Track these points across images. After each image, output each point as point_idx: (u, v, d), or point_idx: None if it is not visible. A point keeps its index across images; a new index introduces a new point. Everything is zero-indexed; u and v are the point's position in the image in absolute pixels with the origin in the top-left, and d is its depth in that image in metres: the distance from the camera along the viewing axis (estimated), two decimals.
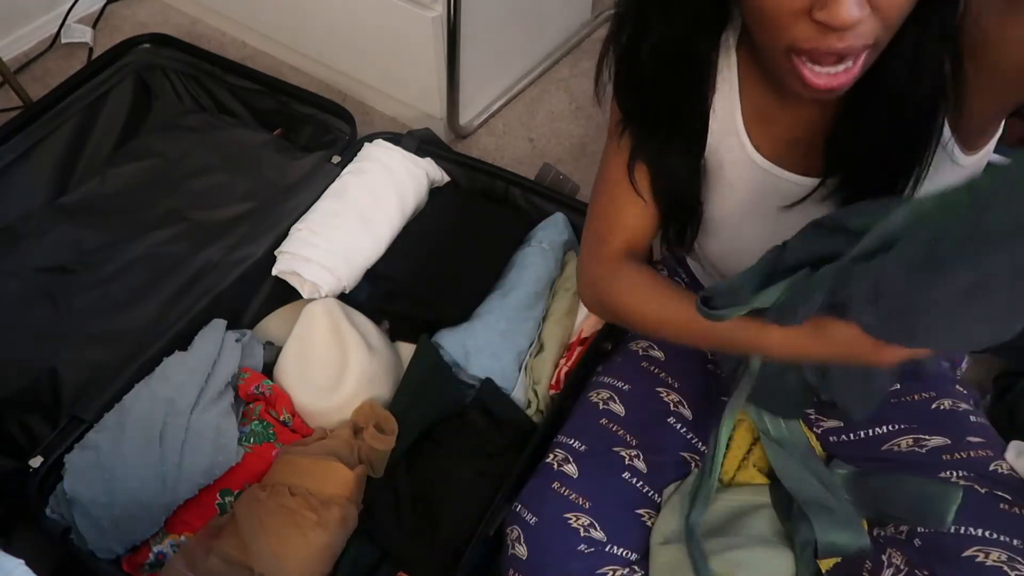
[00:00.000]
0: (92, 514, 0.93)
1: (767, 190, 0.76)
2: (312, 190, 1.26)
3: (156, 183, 1.37)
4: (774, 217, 0.77)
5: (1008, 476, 0.78)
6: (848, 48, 0.57)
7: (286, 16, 1.71)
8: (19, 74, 1.76)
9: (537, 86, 1.80)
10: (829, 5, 0.54)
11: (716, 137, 0.75)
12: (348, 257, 1.19)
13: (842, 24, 0.54)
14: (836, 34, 0.56)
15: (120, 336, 1.15)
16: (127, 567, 0.97)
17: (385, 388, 1.10)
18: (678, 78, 0.70)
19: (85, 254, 1.26)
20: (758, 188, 0.76)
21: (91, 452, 0.97)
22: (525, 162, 1.65)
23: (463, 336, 1.12)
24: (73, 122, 1.42)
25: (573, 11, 1.87)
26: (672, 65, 0.68)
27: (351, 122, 1.39)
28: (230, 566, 0.92)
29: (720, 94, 0.73)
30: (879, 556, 0.77)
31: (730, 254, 0.85)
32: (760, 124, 0.73)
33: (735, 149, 0.75)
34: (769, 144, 0.74)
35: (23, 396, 1.09)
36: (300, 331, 1.11)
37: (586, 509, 0.81)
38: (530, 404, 1.10)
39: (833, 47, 0.57)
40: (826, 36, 0.56)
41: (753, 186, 0.76)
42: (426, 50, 1.48)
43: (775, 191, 0.75)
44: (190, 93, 1.53)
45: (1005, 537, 0.72)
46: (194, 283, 1.21)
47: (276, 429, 1.05)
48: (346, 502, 0.96)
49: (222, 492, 1.00)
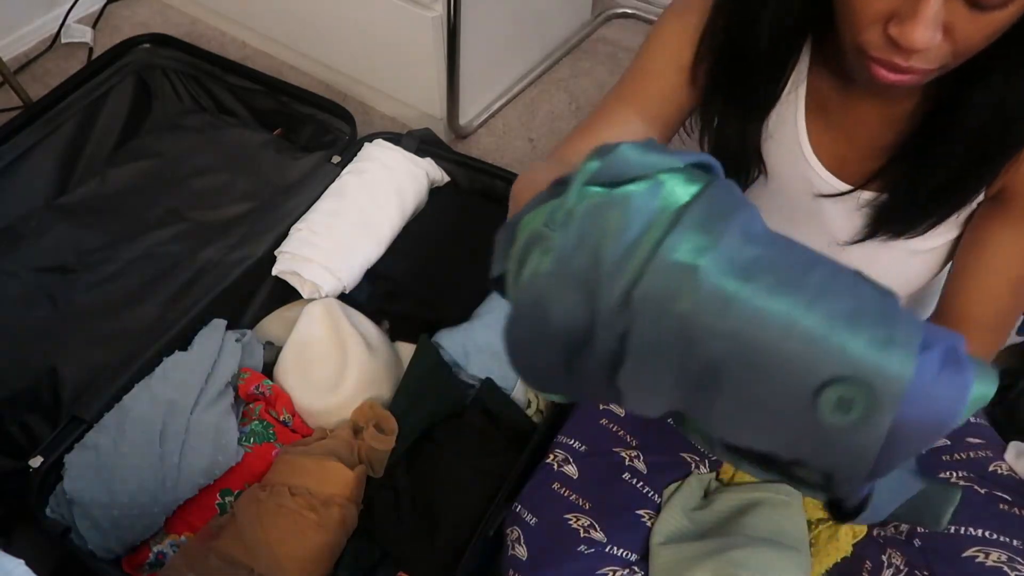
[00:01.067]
0: (92, 514, 0.93)
1: (799, 180, 0.75)
2: (312, 190, 1.26)
3: (156, 183, 1.37)
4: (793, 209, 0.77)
5: (1008, 477, 0.78)
6: (911, 68, 0.57)
7: (286, 16, 1.71)
8: (19, 74, 1.76)
9: (537, 86, 1.80)
10: (905, 22, 0.54)
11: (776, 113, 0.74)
12: (348, 257, 1.19)
13: (911, 46, 0.54)
14: (903, 52, 0.55)
15: (120, 336, 1.15)
16: (127, 567, 0.97)
17: (385, 388, 1.10)
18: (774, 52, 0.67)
19: (85, 254, 1.26)
20: (791, 175, 0.75)
21: (91, 452, 0.97)
22: (525, 162, 1.65)
23: (463, 336, 1.12)
24: (73, 122, 1.42)
25: (573, 11, 1.87)
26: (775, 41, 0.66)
27: (351, 122, 1.39)
28: (230, 566, 0.92)
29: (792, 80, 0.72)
30: (879, 556, 0.78)
31: None
32: (818, 116, 0.72)
33: (788, 133, 0.74)
34: (818, 139, 0.73)
35: (23, 396, 1.09)
36: (300, 331, 1.11)
37: (586, 510, 0.81)
38: (530, 404, 1.10)
39: (897, 64, 0.57)
40: (894, 50, 0.56)
41: (786, 171, 0.76)
42: (426, 50, 1.48)
43: (806, 183, 0.75)
44: (190, 93, 1.53)
45: (1005, 537, 0.72)
46: (194, 283, 1.21)
47: (276, 429, 1.05)
48: (346, 502, 0.97)
49: (222, 492, 1.00)
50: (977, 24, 0.53)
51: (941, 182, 0.67)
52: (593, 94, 1.78)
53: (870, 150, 0.71)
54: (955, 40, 0.54)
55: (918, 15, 0.52)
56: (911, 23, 0.53)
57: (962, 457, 0.80)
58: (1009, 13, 0.52)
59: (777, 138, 0.74)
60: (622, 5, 1.95)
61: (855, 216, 0.73)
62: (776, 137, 0.74)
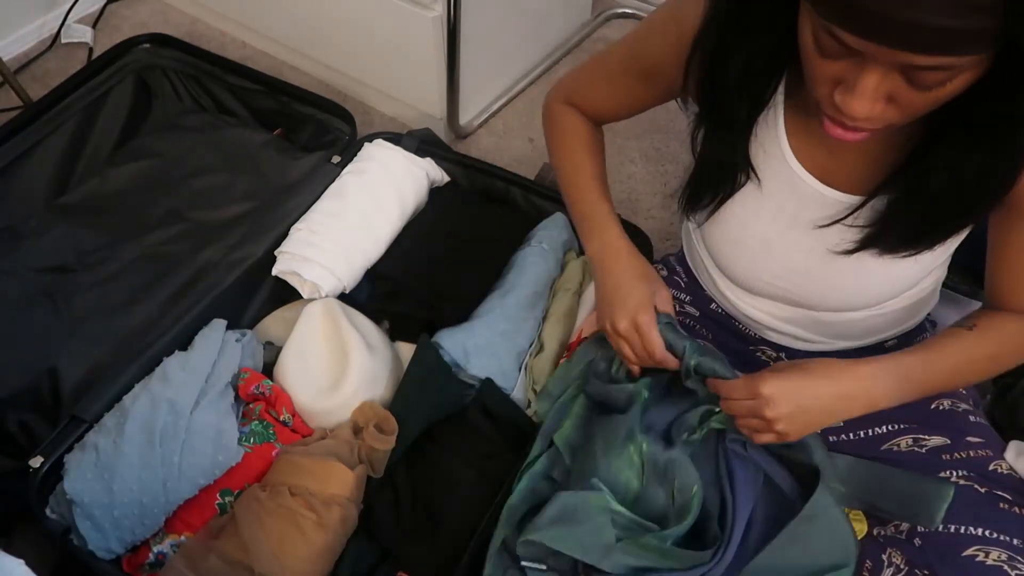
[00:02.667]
0: (92, 514, 0.93)
1: (785, 184, 0.76)
2: (312, 190, 1.26)
3: (156, 183, 1.37)
4: (784, 222, 0.77)
5: (1008, 476, 0.78)
6: (857, 129, 0.59)
7: (286, 16, 1.71)
8: (19, 74, 1.76)
9: (537, 86, 1.80)
10: (847, 94, 0.56)
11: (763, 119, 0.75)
12: (348, 257, 1.19)
13: (851, 115, 0.56)
14: (846, 117, 0.57)
15: (120, 336, 1.15)
16: (127, 567, 0.97)
17: (385, 388, 1.10)
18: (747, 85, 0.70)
19: (85, 254, 1.26)
20: (778, 180, 0.76)
21: (91, 452, 0.97)
22: (525, 162, 1.65)
23: (463, 336, 1.12)
24: (73, 122, 1.42)
25: (573, 11, 1.87)
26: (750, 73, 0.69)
27: (351, 122, 1.39)
28: (230, 566, 0.92)
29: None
30: (879, 555, 0.78)
31: (730, 244, 0.84)
32: (800, 124, 0.73)
33: (772, 139, 0.75)
34: (800, 145, 0.74)
35: (23, 396, 1.09)
36: (300, 331, 1.11)
37: None
38: (530, 404, 1.10)
39: (844, 124, 0.59)
40: (839, 112, 0.58)
41: (773, 176, 0.76)
42: (426, 50, 1.48)
43: (792, 188, 0.75)
44: (190, 93, 1.53)
45: (1005, 536, 0.72)
46: (194, 283, 1.21)
47: (276, 429, 1.05)
48: (346, 502, 0.96)
49: (222, 492, 1.00)
50: (920, 96, 0.54)
51: (930, 221, 0.68)
52: None
53: (853, 156, 0.72)
54: (899, 107, 0.56)
55: (857, 89, 0.54)
56: (851, 95, 0.55)
57: (962, 456, 0.80)
58: (950, 90, 0.53)
59: (763, 143, 0.75)
60: (622, 5, 1.95)
61: (846, 227, 0.73)
62: (762, 141, 0.75)
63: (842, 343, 0.90)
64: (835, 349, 0.91)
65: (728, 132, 0.74)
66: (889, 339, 0.92)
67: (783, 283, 0.81)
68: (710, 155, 0.77)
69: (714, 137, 0.75)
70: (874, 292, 0.78)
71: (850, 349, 0.91)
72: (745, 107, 0.71)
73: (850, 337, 0.89)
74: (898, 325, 0.89)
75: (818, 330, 0.89)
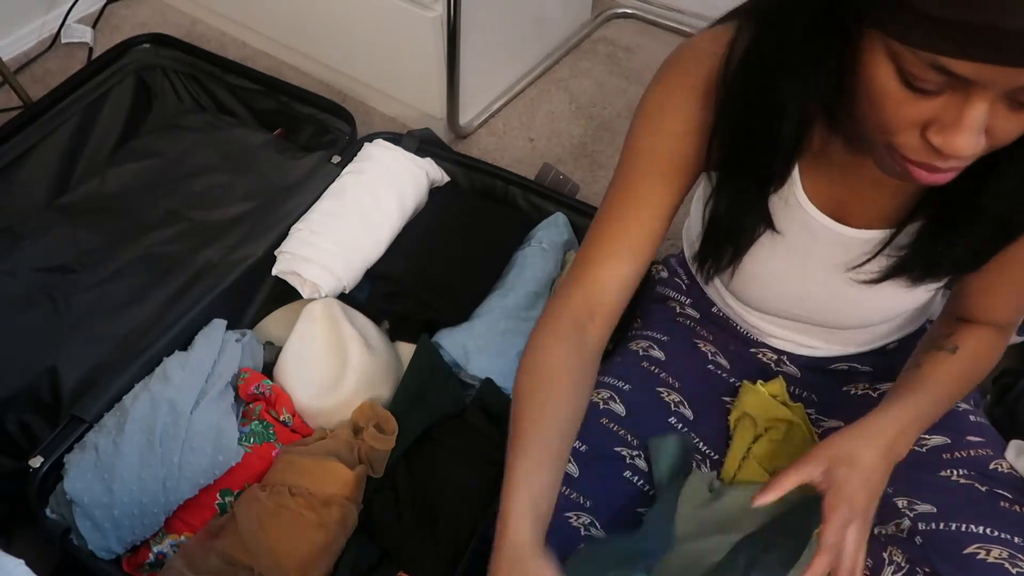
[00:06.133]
0: (92, 514, 0.93)
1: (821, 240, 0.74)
2: (312, 190, 1.26)
3: (156, 183, 1.37)
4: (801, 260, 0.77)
5: (1008, 475, 0.79)
6: (950, 170, 0.54)
7: (286, 16, 1.71)
8: (19, 74, 1.76)
9: (537, 86, 1.80)
10: (947, 130, 0.50)
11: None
12: (348, 257, 1.19)
13: (956, 154, 0.51)
14: (943, 157, 0.52)
15: (120, 336, 1.15)
16: (127, 567, 0.97)
17: (385, 388, 1.10)
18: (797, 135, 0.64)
19: (85, 254, 1.26)
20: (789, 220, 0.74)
21: (91, 452, 0.97)
22: (525, 162, 1.65)
23: (463, 336, 1.12)
24: (73, 122, 1.42)
25: (573, 11, 1.87)
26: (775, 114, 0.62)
27: (351, 122, 1.39)
28: (230, 566, 0.92)
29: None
30: (880, 554, 0.77)
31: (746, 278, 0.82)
32: (812, 164, 0.70)
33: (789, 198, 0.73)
34: (814, 185, 0.72)
35: (23, 396, 1.09)
36: (300, 331, 1.11)
37: (587, 508, 0.81)
38: None
39: (936, 167, 0.54)
40: (932, 154, 0.53)
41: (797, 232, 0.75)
42: (426, 50, 1.48)
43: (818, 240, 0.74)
44: (190, 93, 1.53)
45: (1006, 534, 0.72)
46: (194, 283, 1.21)
47: (276, 429, 1.05)
48: (346, 502, 0.96)
49: (222, 492, 1.00)
50: (1017, 121, 0.51)
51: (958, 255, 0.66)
52: (593, 94, 1.78)
53: (870, 192, 0.70)
54: (993, 137, 0.52)
55: (963, 123, 0.49)
56: (954, 131, 0.50)
57: (962, 455, 0.80)
58: None
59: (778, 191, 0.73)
60: (622, 5, 1.95)
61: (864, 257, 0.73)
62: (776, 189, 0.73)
63: (845, 349, 0.91)
64: (836, 355, 0.92)
65: (758, 190, 0.70)
66: (891, 343, 0.92)
67: (798, 309, 0.82)
68: (729, 215, 0.73)
69: (734, 197, 0.71)
70: (892, 310, 0.79)
71: (851, 353, 0.91)
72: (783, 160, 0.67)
73: (854, 344, 0.90)
74: (902, 331, 0.90)
75: (823, 338, 0.89)
